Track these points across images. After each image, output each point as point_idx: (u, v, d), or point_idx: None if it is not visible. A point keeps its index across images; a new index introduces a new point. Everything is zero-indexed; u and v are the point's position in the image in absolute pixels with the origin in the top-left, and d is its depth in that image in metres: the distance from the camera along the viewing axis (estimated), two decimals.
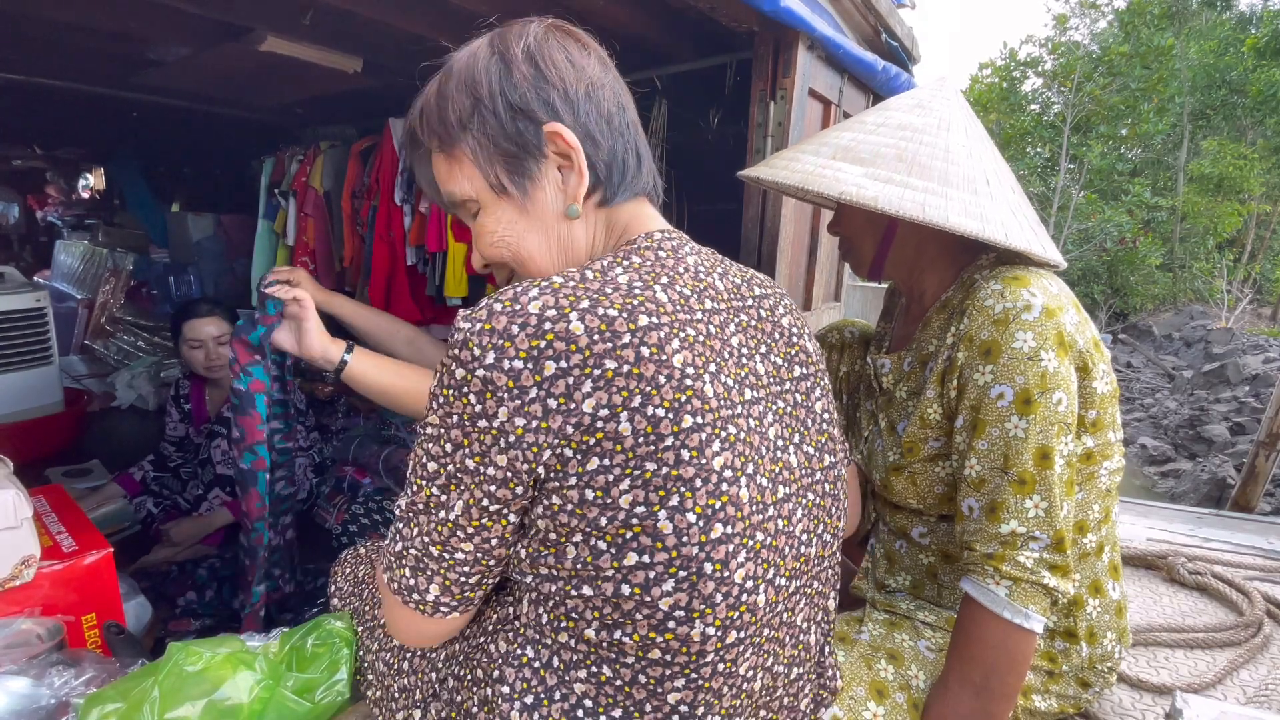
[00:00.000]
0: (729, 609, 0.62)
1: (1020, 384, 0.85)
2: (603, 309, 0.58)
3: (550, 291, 0.59)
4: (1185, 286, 14.30)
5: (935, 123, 0.99)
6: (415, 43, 2.06)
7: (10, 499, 1.07)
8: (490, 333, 0.58)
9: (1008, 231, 0.90)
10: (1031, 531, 0.85)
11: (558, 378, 0.56)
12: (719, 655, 0.63)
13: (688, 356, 0.61)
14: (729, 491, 0.61)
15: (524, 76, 0.68)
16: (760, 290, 0.77)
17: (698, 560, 0.59)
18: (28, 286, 2.79)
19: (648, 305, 0.61)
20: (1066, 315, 0.87)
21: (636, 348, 0.58)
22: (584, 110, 0.69)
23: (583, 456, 0.57)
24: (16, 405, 2.65)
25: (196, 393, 2.27)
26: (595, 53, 0.73)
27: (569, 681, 0.65)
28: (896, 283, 1.16)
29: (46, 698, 0.89)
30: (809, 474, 0.72)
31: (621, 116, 0.73)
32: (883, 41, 2.21)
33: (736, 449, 0.62)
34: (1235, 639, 1.37)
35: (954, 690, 0.90)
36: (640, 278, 0.64)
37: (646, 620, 0.60)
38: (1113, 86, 14.78)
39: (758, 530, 0.64)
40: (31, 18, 2.05)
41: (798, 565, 0.70)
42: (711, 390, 0.62)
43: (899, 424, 1.04)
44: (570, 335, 0.57)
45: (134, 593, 1.49)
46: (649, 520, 0.58)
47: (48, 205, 6.52)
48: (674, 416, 0.58)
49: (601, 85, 0.71)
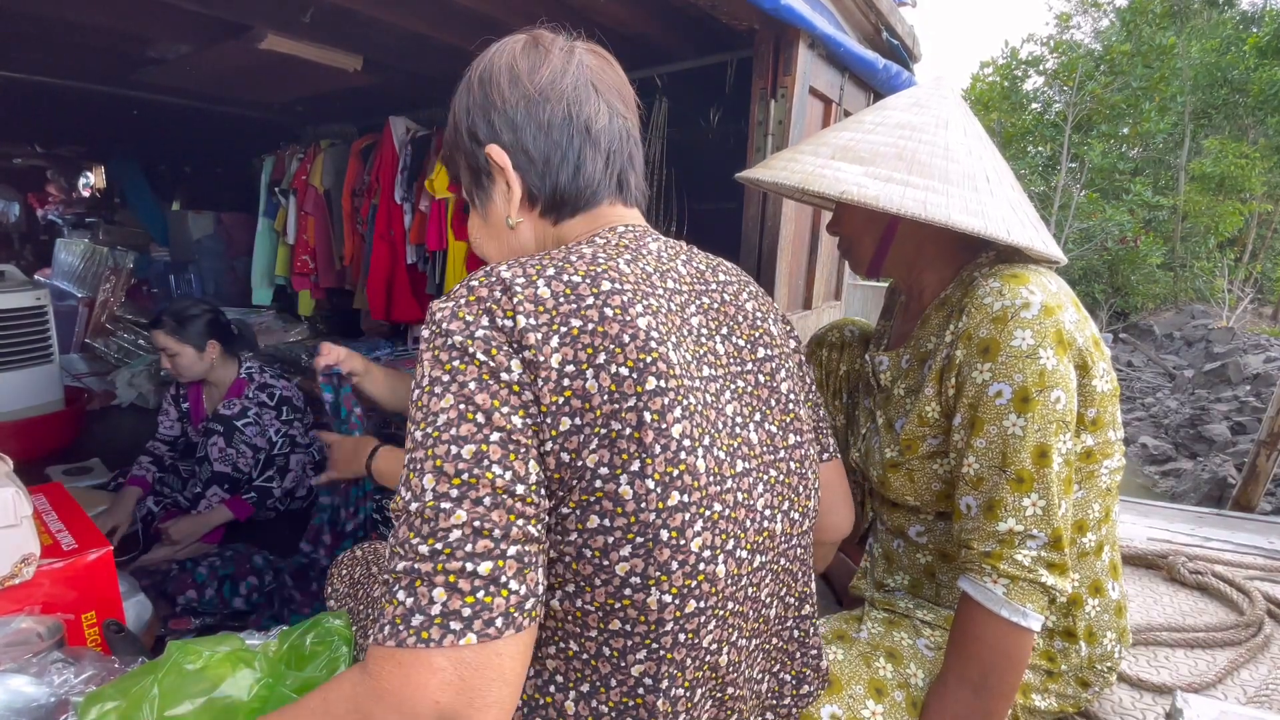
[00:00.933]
0: (685, 577, 0.62)
1: (1018, 382, 0.85)
2: (567, 275, 0.62)
3: (519, 264, 0.64)
4: (1186, 286, 14.28)
5: (933, 121, 0.99)
6: (415, 41, 2.06)
7: (10, 497, 1.07)
8: (477, 300, 0.60)
9: (1009, 228, 0.90)
10: (1029, 530, 0.85)
11: (528, 331, 0.59)
12: (678, 625, 0.63)
13: (651, 321, 0.63)
14: (686, 460, 0.62)
15: (474, 101, 0.75)
16: (724, 276, 0.78)
17: (654, 527, 0.60)
18: (28, 285, 2.79)
19: (610, 273, 0.64)
20: (1065, 313, 0.87)
21: (600, 308, 0.61)
22: (523, 126, 0.72)
23: (553, 419, 0.58)
24: (17, 403, 2.65)
25: (194, 392, 2.28)
26: (555, 62, 0.73)
27: (541, 659, 0.66)
28: (896, 280, 1.16)
29: (46, 696, 0.89)
30: (770, 450, 0.74)
31: (566, 126, 0.72)
32: (883, 40, 2.21)
33: (694, 419, 0.64)
34: (1236, 638, 1.37)
35: (952, 688, 0.90)
36: (604, 251, 0.67)
37: (605, 586, 0.61)
38: (1114, 85, 14.76)
39: (715, 501, 0.65)
40: (32, 16, 2.05)
41: (760, 540, 0.71)
42: (676, 358, 0.64)
43: (896, 421, 1.04)
44: (538, 298, 0.60)
45: (134, 591, 1.50)
46: (610, 484, 0.59)
47: (48, 204, 6.52)
48: (637, 377, 0.60)
49: (544, 98, 0.72)
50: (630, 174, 0.78)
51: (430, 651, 0.52)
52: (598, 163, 0.74)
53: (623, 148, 0.76)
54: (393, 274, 2.84)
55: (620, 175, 0.76)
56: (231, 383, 2.23)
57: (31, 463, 2.33)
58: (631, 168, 0.78)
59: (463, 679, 0.53)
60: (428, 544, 0.54)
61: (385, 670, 0.53)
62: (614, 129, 0.75)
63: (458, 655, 0.52)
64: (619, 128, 0.76)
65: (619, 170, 0.76)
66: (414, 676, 0.52)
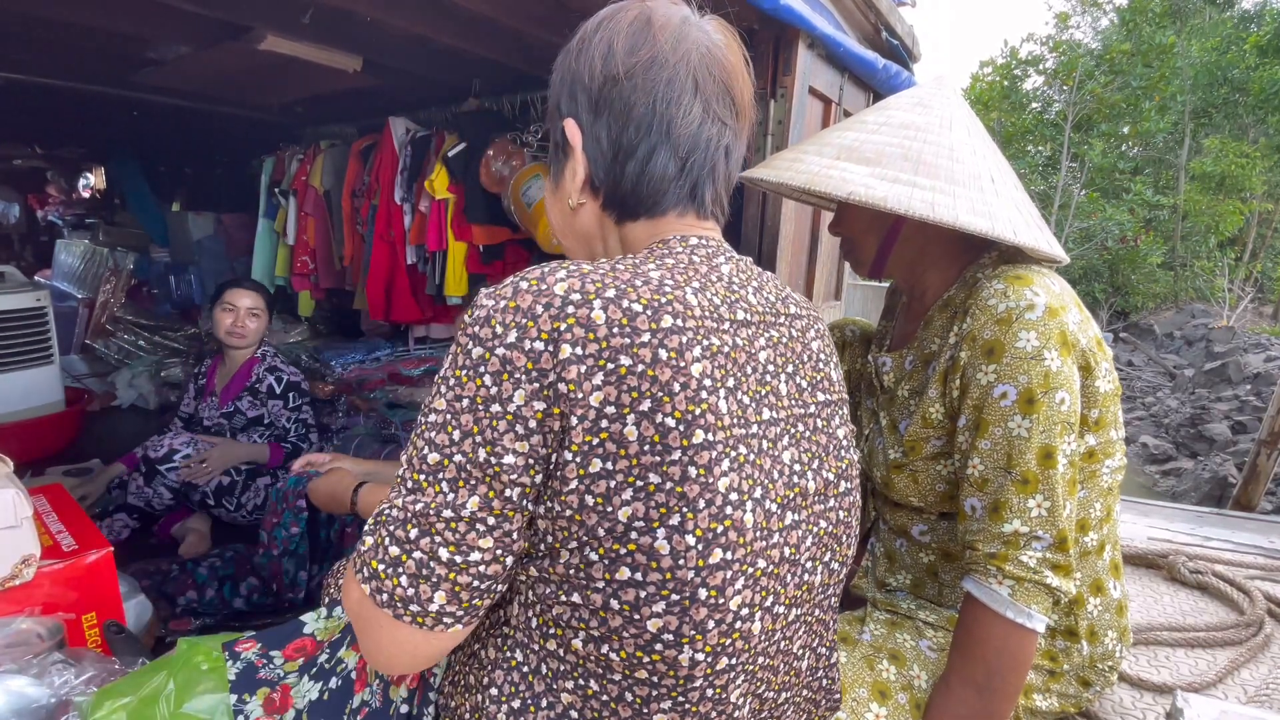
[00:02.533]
0: (720, 635, 0.60)
1: (1023, 383, 0.85)
2: (628, 301, 0.57)
3: (578, 275, 0.58)
4: (1186, 285, 14.27)
5: (938, 121, 0.98)
6: (415, 42, 2.06)
7: (10, 498, 1.07)
8: (515, 310, 0.56)
9: (1015, 229, 0.90)
10: (1034, 531, 0.85)
11: (571, 363, 0.55)
12: (708, 681, 0.61)
13: (707, 367, 0.58)
14: (732, 515, 0.59)
15: (567, 70, 0.70)
16: (794, 309, 0.73)
17: (692, 585, 0.57)
18: (28, 286, 2.79)
19: (675, 306, 0.58)
20: (1069, 314, 0.87)
21: (655, 348, 0.56)
22: (602, 109, 0.67)
23: (583, 459, 0.56)
24: (17, 404, 2.66)
25: (213, 367, 2.44)
26: (658, 46, 0.66)
27: (556, 691, 0.63)
28: (898, 281, 1.16)
29: (47, 697, 0.89)
30: (822, 500, 0.70)
31: (647, 121, 0.66)
32: (883, 39, 2.21)
33: (745, 471, 0.60)
34: (1236, 638, 1.37)
35: (956, 690, 0.89)
36: (672, 277, 0.61)
37: (634, 640, 0.58)
38: (1114, 84, 14.75)
39: (759, 557, 0.62)
40: (32, 17, 2.05)
41: (799, 594, 0.68)
42: (726, 407, 0.59)
43: (900, 422, 1.03)
44: (590, 323, 0.55)
45: (134, 592, 1.50)
46: (646, 538, 0.56)
47: (48, 205, 6.52)
48: (684, 430, 0.56)
49: (632, 85, 0.65)
50: (707, 186, 0.70)
51: (351, 580, 0.62)
52: (669, 168, 0.68)
53: (707, 157, 0.69)
54: (392, 275, 2.84)
55: (696, 186, 0.69)
56: (244, 362, 2.37)
57: (32, 464, 2.33)
58: (711, 180, 0.70)
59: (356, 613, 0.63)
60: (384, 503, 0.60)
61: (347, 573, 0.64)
62: (701, 135, 0.68)
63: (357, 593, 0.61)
64: (709, 134, 0.68)
65: (695, 181, 0.69)
66: (346, 586, 0.64)
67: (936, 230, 0.97)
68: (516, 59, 2.16)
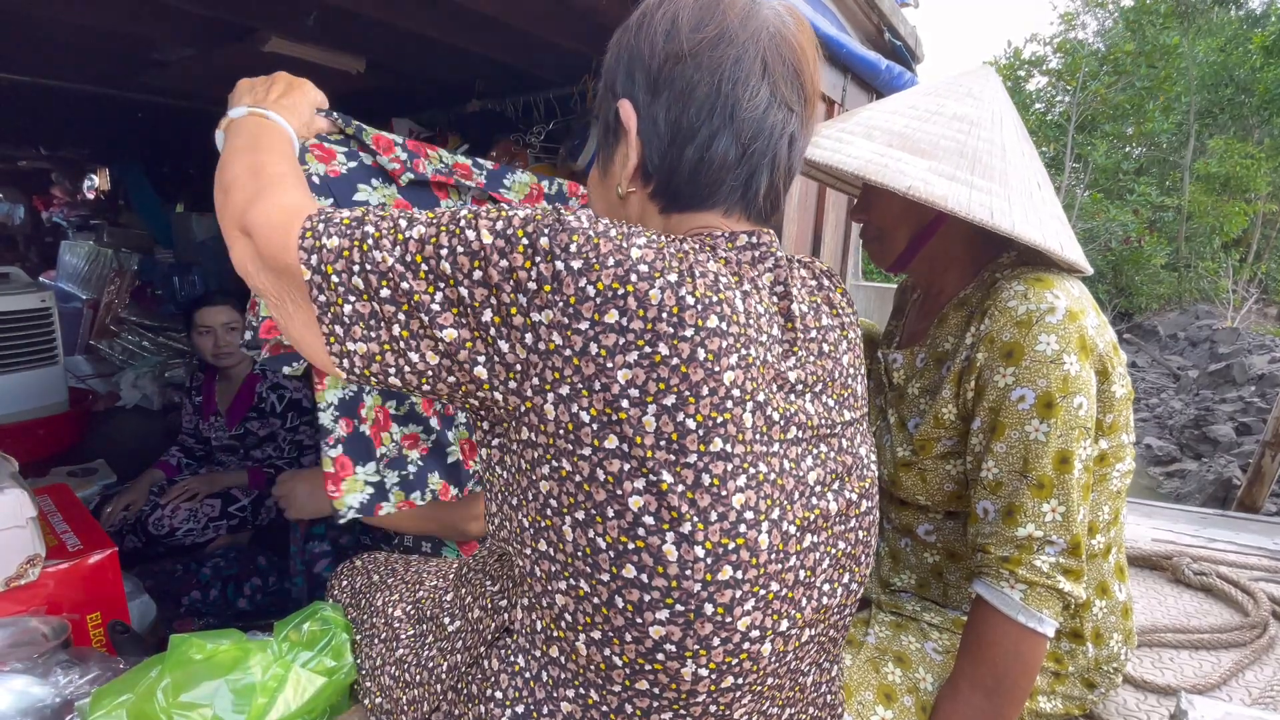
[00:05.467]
0: (726, 655, 0.58)
1: (1042, 387, 0.84)
2: (685, 290, 0.55)
3: (654, 247, 0.56)
4: (1191, 286, 14.22)
5: (990, 116, 0.94)
6: (418, 43, 2.07)
7: (15, 498, 1.07)
8: (592, 246, 0.54)
9: (1061, 242, 0.88)
10: (1048, 536, 0.85)
11: (611, 330, 0.53)
12: (711, 698, 0.60)
13: (739, 378, 0.57)
14: (746, 535, 0.57)
15: (624, 45, 0.66)
16: (828, 320, 0.70)
17: (698, 598, 0.56)
18: (33, 287, 2.80)
19: (724, 308, 0.57)
20: (1088, 318, 0.87)
21: (695, 346, 0.54)
22: (663, 88, 0.62)
23: (600, 429, 0.54)
24: (22, 405, 2.66)
25: (208, 384, 2.33)
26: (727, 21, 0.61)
27: (556, 699, 0.63)
28: (915, 277, 1.14)
29: (51, 696, 0.89)
30: (843, 521, 0.68)
31: (710, 102, 0.61)
32: (886, 40, 2.21)
33: (763, 490, 0.58)
34: (1240, 640, 1.36)
35: (964, 693, 0.89)
36: (727, 274, 0.60)
37: (635, 645, 0.57)
38: (1118, 85, 14.73)
39: (773, 580, 0.60)
40: (36, 18, 2.06)
41: (815, 617, 0.66)
42: (750, 421, 0.58)
43: (909, 421, 1.03)
44: (646, 300, 0.53)
45: (138, 592, 1.50)
46: (654, 538, 0.55)
47: (53, 206, 6.54)
48: (703, 435, 0.55)
49: (696, 63, 0.61)
50: (763, 176, 0.65)
51: (296, 242, 0.62)
52: (730, 153, 0.63)
53: (770, 144, 0.64)
54: None
55: (753, 175, 0.64)
56: (244, 379, 2.27)
57: (36, 464, 2.34)
58: (769, 169, 0.65)
59: (283, 267, 0.64)
60: (375, 228, 0.60)
61: (287, 216, 0.65)
62: (767, 120, 0.63)
63: (295, 261, 0.62)
64: (774, 120, 0.63)
65: (753, 169, 0.64)
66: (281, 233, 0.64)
67: (968, 229, 0.94)
68: (519, 59, 2.17)
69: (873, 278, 7.35)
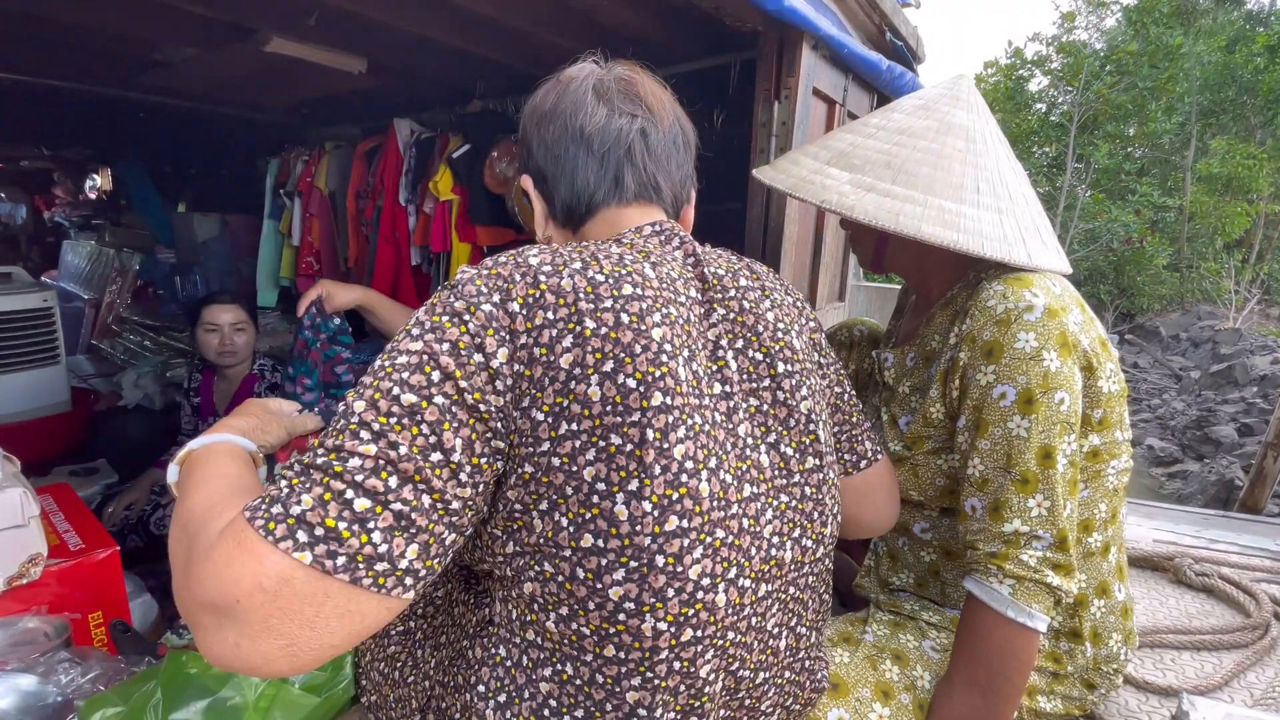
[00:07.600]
0: (681, 605, 0.61)
1: (1022, 384, 0.85)
2: (591, 272, 0.62)
3: (549, 251, 0.65)
4: (1193, 287, 14.19)
5: (935, 126, 0.99)
6: (419, 43, 2.07)
7: (17, 497, 1.08)
8: (496, 276, 0.61)
9: (984, 240, 0.91)
10: (1034, 530, 0.85)
11: (544, 328, 0.59)
12: (674, 653, 0.62)
13: (667, 333, 0.63)
14: (688, 484, 0.61)
15: (519, 137, 0.83)
16: (746, 281, 0.76)
17: (649, 551, 0.59)
18: (35, 286, 2.81)
19: (634, 277, 0.64)
20: (1070, 315, 0.87)
21: (617, 313, 0.61)
22: (536, 149, 0.78)
23: (553, 420, 0.58)
24: (24, 404, 2.67)
25: (206, 384, 2.33)
26: (566, 85, 0.77)
27: (535, 680, 0.65)
28: (905, 278, 1.18)
29: (53, 695, 0.90)
30: (784, 475, 0.72)
31: (564, 139, 0.75)
32: (887, 40, 2.21)
33: (700, 440, 0.62)
34: (1242, 641, 1.36)
35: (959, 690, 0.89)
36: (632, 253, 0.68)
37: (598, 610, 0.60)
38: (1120, 85, 14.69)
39: (718, 527, 0.63)
40: (38, 18, 2.06)
41: (766, 569, 0.69)
42: (684, 374, 0.63)
43: (901, 418, 1.04)
44: (560, 290, 0.60)
45: (140, 591, 1.50)
46: (606, 501, 0.59)
47: (55, 206, 6.55)
48: (644, 390, 0.59)
49: (551, 116, 0.76)
50: (628, 169, 0.75)
51: (267, 546, 0.50)
52: (590, 166, 0.75)
53: (620, 141, 0.75)
54: (397, 276, 2.84)
55: (619, 171, 0.75)
56: (242, 379, 2.27)
57: (38, 463, 2.34)
58: (630, 162, 0.75)
59: (275, 592, 0.50)
60: (328, 455, 0.53)
61: (226, 539, 0.52)
62: (611, 127, 0.74)
63: (287, 565, 0.50)
64: (618, 126, 0.75)
65: (617, 167, 0.75)
66: (239, 560, 0.50)
67: None
68: (521, 60, 2.17)
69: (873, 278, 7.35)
